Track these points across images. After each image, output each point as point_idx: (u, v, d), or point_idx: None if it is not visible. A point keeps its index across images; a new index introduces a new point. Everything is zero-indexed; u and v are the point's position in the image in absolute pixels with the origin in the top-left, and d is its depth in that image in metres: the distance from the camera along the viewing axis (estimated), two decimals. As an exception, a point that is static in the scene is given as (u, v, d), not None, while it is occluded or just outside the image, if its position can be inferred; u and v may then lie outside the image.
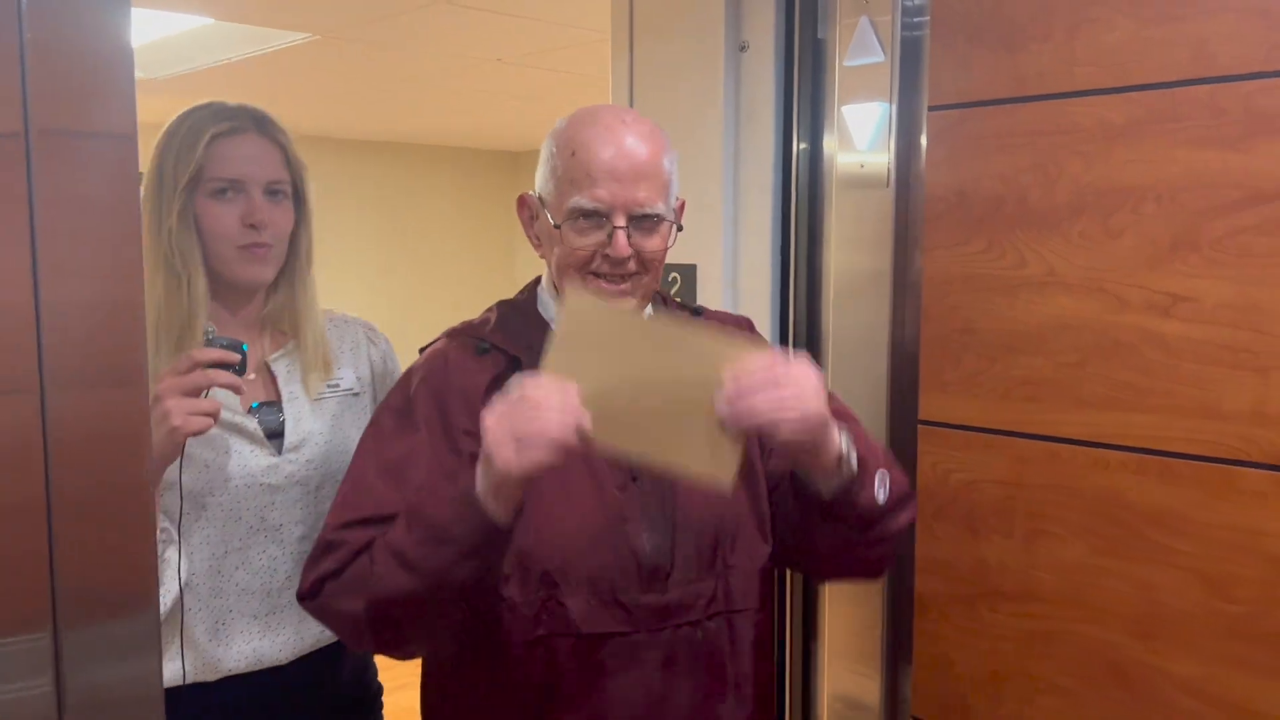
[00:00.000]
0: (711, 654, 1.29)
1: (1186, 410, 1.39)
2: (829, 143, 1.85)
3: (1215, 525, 1.37)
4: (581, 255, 1.26)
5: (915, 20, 1.70)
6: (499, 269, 7.57)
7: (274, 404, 1.46)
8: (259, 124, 1.40)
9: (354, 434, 1.39)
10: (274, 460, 1.43)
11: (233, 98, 1.46)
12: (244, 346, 1.31)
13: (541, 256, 1.37)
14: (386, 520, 1.20)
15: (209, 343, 1.32)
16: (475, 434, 1.15)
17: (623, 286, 1.27)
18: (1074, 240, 1.47)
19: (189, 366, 1.26)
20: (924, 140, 1.64)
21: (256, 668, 1.43)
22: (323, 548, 1.23)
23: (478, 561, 1.14)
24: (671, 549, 1.27)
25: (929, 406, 1.64)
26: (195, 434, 1.25)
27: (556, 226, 1.28)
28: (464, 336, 1.36)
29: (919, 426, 1.66)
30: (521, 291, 1.43)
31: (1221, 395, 1.36)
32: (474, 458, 1.14)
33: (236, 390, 1.32)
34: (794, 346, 1.94)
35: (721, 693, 1.30)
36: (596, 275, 1.27)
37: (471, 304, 1.58)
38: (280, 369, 1.47)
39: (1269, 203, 1.30)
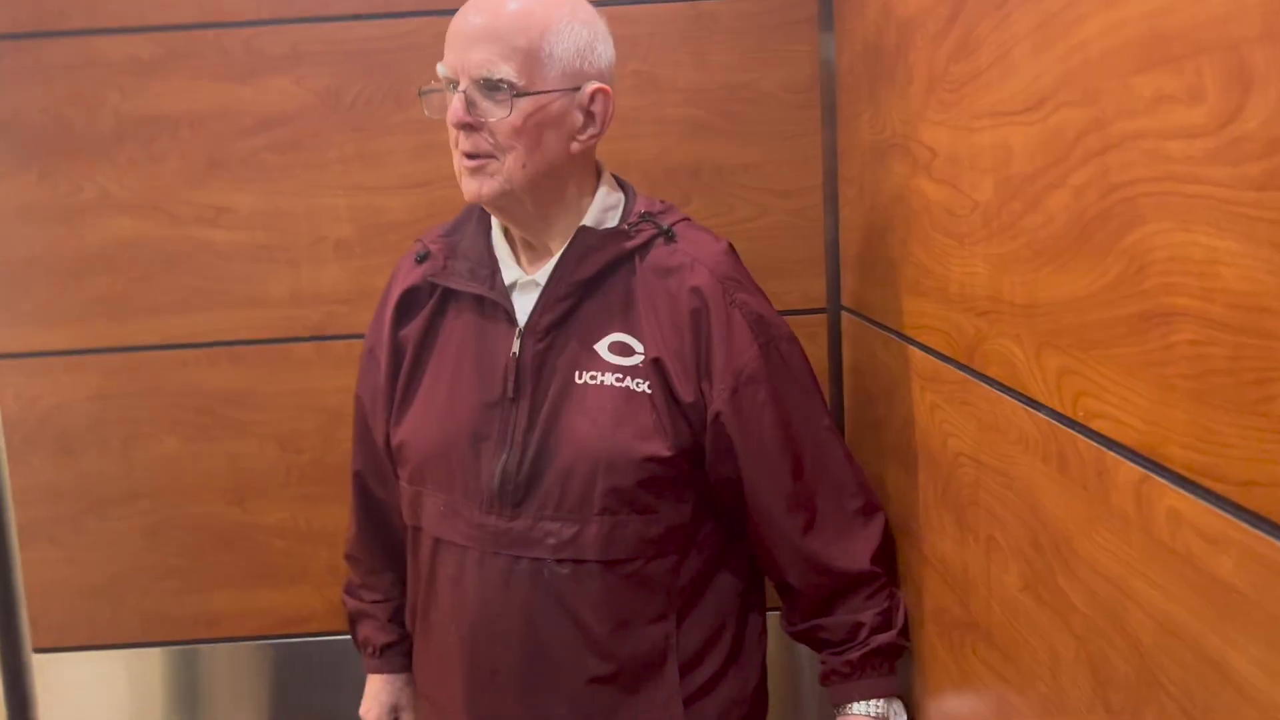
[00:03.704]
0: (559, 599, 1.15)
1: (241, 303, 1.66)
2: None
3: (280, 394, 1.68)
4: (452, 135, 1.12)
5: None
6: None
7: None
8: None
9: None
10: None
11: None
12: None
13: None
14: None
15: None
16: (378, 342, 1.28)
17: (470, 164, 1.11)
18: (123, 165, 1.62)
19: None
20: (-48, 72, 1.61)
21: None
22: None
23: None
24: (527, 479, 1.15)
25: (4, 340, 1.65)
26: None
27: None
28: (422, 239, 1.30)
29: (-4, 361, 1.65)
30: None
31: (266, 287, 1.66)
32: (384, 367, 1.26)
33: None
34: None
35: (571, 641, 1.16)
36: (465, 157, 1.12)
37: None
38: None
39: (275, 127, 1.62)
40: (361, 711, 1.41)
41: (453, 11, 1.10)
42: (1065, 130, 0.75)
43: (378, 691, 1.40)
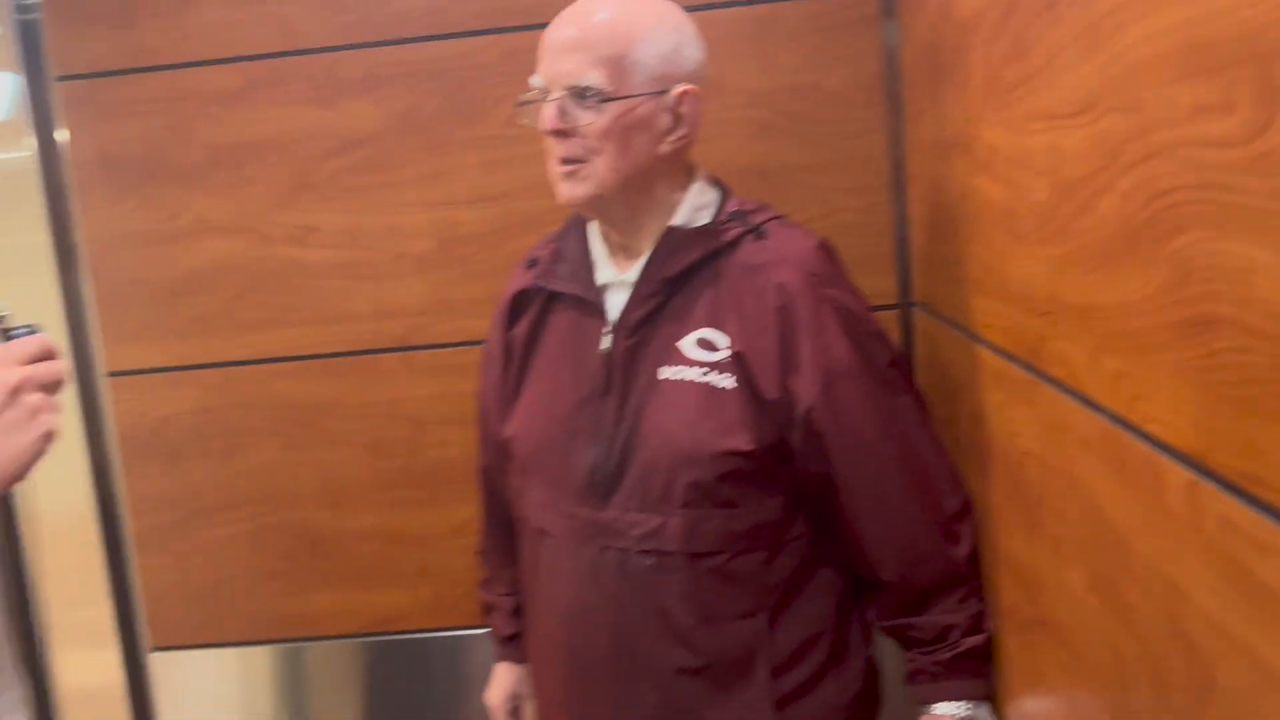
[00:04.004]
0: (646, 590, 1.17)
1: (330, 318, 1.74)
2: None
3: (368, 403, 1.75)
4: (547, 143, 1.18)
5: (27, 3, 1.76)
6: None
7: None
8: None
9: None
10: None
11: None
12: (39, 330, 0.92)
13: None
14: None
15: (8, 331, 0.90)
16: (493, 344, 1.36)
17: (564, 169, 1.16)
18: (216, 190, 1.71)
19: (40, 352, 0.88)
20: (60, 110, 1.72)
21: None
22: None
23: None
24: (615, 471, 1.18)
25: (115, 358, 1.76)
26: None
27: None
28: (537, 245, 1.36)
29: (109, 379, 1.76)
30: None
31: (352, 302, 1.73)
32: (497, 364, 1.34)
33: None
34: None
35: (658, 632, 1.18)
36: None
37: None
38: None
39: (355, 148, 1.69)
40: (486, 697, 1.48)
41: (515, 29, 1.15)
42: (1111, 135, 0.75)
43: (501, 679, 1.47)
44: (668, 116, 1.16)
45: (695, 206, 1.22)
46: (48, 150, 1.73)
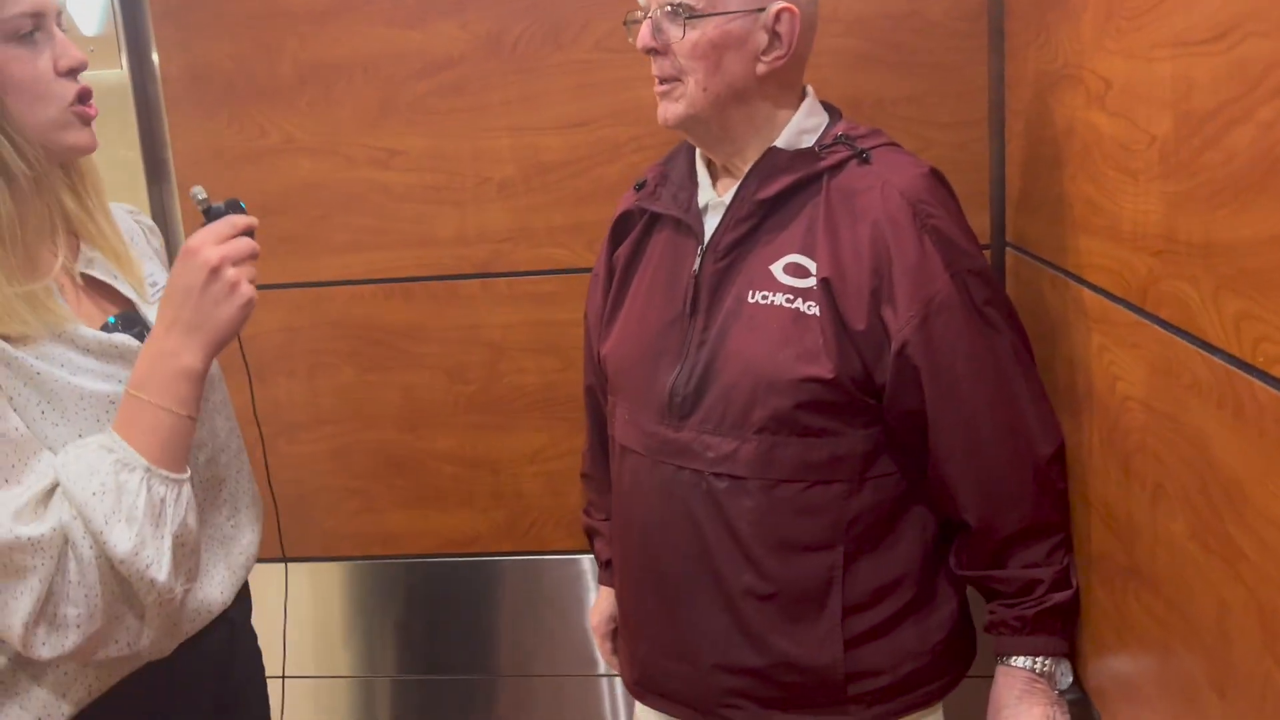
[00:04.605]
0: (719, 511, 1.17)
1: (412, 242, 1.74)
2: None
3: (447, 328, 1.77)
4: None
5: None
6: None
7: (130, 313, 1.09)
8: None
9: None
10: None
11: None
12: (242, 205, 1.05)
13: None
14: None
15: (208, 209, 1.03)
16: (599, 264, 1.36)
17: (659, 89, 1.17)
18: (304, 110, 1.72)
19: (232, 231, 1.01)
20: (150, 25, 1.73)
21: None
22: None
23: None
24: (694, 392, 1.17)
25: (202, 275, 1.79)
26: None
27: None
28: (650, 167, 1.34)
29: (195, 296, 1.79)
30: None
31: (434, 227, 1.73)
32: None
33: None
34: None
35: (730, 555, 1.17)
36: None
37: None
38: (100, 274, 1.08)
39: (441, 71, 1.68)
40: (588, 617, 1.48)
41: None
42: (1252, 62, 0.71)
43: (601, 601, 1.48)
44: (764, 35, 1.13)
45: (800, 129, 1.19)
46: (140, 66, 1.75)
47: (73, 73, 0.99)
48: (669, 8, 1.12)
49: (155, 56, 1.74)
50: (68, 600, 0.93)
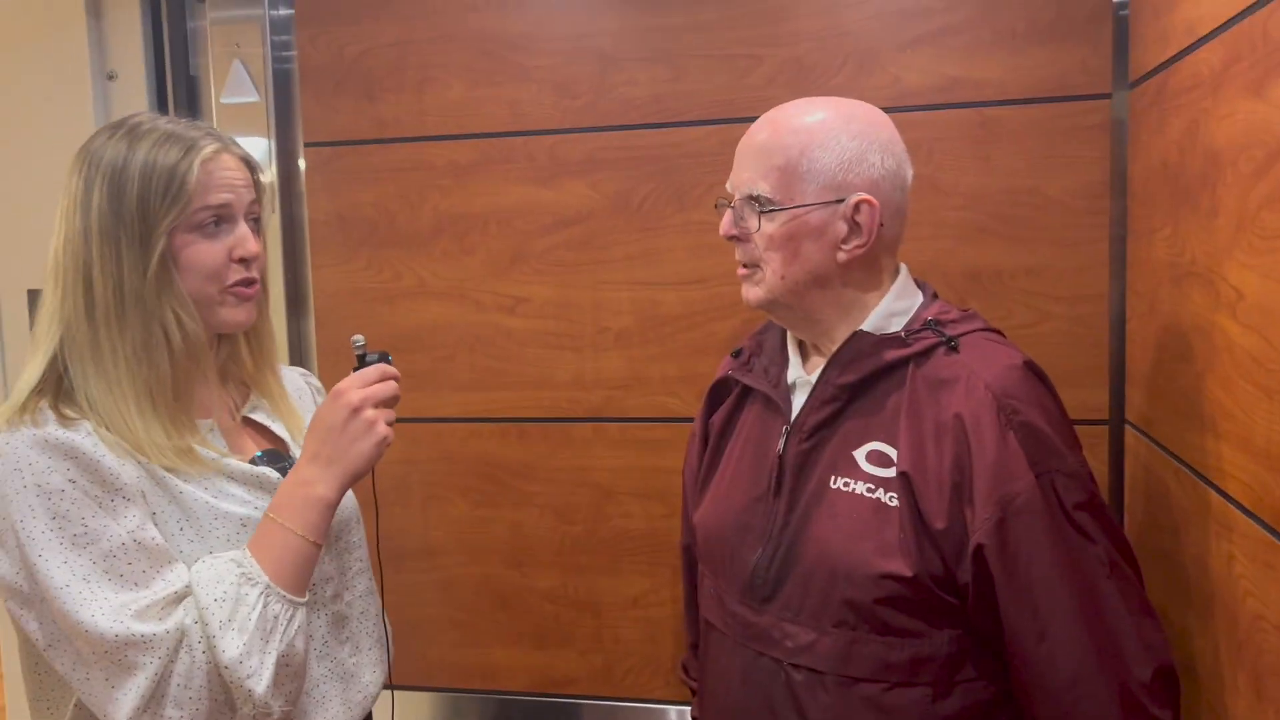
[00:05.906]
0: (797, 705, 1.13)
1: (531, 384, 1.80)
2: (211, 172, 1.97)
3: (558, 469, 1.81)
4: None
5: (284, 68, 1.91)
6: None
7: (278, 452, 1.22)
8: (227, 141, 1.14)
9: None
10: None
11: None
12: (389, 358, 1.18)
13: None
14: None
15: (363, 355, 1.16)
16: (696, 426, 1.40)
17: (741, 272, 1.22)
18: (438, 257, 1.81)
19: (379, 377, 1.14)
20: (303, 173, 1.86)
21: None
22: None
23: None
24: (775, 576, 1.15)
25: (330, 405, 1.87)
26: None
27: None
28: (749, 335, 1.38)
29: (322, 424, 1.88)
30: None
31: (553, 371, 1.79)
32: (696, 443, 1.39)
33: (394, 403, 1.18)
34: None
35: None
36: None
37: None
38: (261, 418, 1.23)
39: (569, 227, 1.76)
40: None
41: (728, 121, 1.17)
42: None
43: None
44: (843, 224, 1.14)
45: (889, 312, 1.18)
46: (289, 209, 1.88)
47: (245, 262, 1.09)
48: (749, 199, 1.16)
49: (305, 203, 1.86)
50: (173, 702, 0.98)
